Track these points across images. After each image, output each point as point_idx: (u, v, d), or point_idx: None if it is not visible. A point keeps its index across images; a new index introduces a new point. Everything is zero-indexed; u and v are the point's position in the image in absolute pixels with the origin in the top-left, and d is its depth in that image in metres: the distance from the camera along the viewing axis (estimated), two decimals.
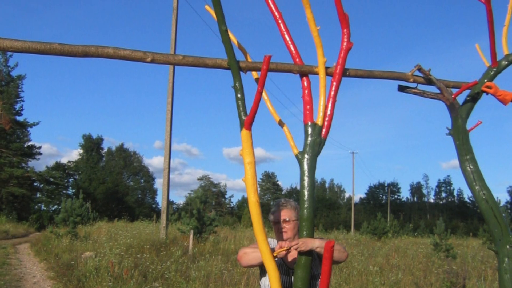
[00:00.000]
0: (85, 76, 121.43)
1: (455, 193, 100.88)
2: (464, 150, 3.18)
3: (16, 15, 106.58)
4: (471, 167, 3.14)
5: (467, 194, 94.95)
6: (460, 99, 3.28)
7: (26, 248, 19.72)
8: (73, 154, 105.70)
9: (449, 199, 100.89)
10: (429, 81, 3.23)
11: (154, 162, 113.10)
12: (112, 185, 63.93)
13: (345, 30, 2.95)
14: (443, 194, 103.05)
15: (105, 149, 78.94)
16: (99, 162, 72.89)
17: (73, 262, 12.15)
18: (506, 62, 3.28)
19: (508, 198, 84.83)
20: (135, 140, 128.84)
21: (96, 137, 73.35)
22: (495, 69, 3.27)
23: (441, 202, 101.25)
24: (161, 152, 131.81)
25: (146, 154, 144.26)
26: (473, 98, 3.26)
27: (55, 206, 52.85)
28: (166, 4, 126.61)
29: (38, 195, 53.37)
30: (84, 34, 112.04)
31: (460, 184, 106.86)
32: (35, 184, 49.08)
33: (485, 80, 3.25)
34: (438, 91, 3.27)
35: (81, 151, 71.56)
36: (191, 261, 12.56)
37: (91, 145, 71.91)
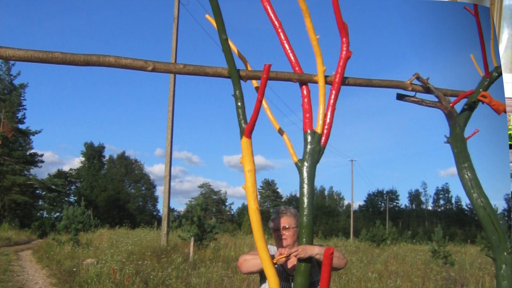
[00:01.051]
0: (87, 84, 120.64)
1: (453, 201, 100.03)
2: (462, 158, 3.20)
3: (18, 24, 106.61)
4: (469, 174, 3.16)
5: (465, 201, 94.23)
6: (458, 107, 3.31)
7: (28, 255, 19.68)
8: (75, 162, 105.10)
9: (447, 207, 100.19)
10: (427, 90, 3.26)
11: (155, 169, 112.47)
12: (113, 193, 63.76)
13: (344, 39, 2.98)
14: (441, 202, 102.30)
15: (107, 157, 78.42)
16: (100, 170, 72.63)
17: (75, 269, 12.16)
18: (496, 74, 3.37)
19: (506, 206, 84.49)
20: (136, 148, 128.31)
21: (97, 145, 72.94)
22: (488, 79, 3.33)
23: (439, 210, 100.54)
24: (162, 159, 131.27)
25: (147, 162, 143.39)
26: (470, 107, 3.29)
27: (57, 214, 52.66)
28: (167, 14, 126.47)
29: (40, 203, 53.28)
30: (86, 43, 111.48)
31: (458, 192, 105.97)
32: (37, 191, 49.06)
33: (480, 90, 3.30)
34: (436, 100, 3.30)
35: (83, 159, 71.17)
36: (191, 268, 12.55)
37: (93, 153, 71.66)
